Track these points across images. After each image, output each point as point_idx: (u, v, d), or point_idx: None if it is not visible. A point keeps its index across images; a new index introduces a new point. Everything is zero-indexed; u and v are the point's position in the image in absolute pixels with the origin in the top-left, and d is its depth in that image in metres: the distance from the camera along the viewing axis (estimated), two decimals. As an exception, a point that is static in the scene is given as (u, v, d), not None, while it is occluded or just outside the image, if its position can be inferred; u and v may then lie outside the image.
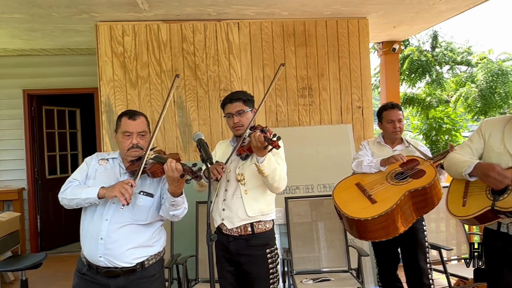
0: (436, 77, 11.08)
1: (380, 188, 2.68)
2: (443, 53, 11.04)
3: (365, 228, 2.55)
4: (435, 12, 4.06)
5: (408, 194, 2.58)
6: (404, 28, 4.62)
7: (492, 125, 2.12)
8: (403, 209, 2.58)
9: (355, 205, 2.63)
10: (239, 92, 2.42)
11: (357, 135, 4.20)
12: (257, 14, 3.92)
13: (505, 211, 1.86)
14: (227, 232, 2.35)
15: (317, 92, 4.17)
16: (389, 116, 2.97)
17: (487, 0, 3.76)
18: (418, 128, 11.71)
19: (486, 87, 10.15)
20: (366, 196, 2.65)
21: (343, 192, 2.77)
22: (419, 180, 2.64)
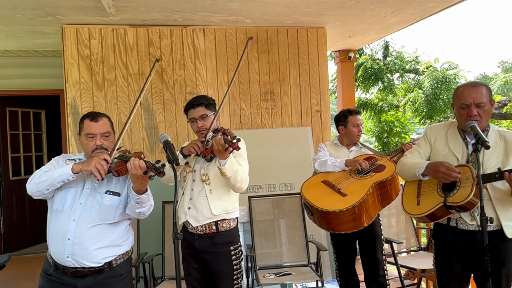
0: (388, 83, 11.45)
1: (347, 182, 2.74)
2: (394, 62, 11.43)
3: (339, 220, 2.59)
4: (387, 24, 4.20)
5: (375, 186, 2.66)
6: (358, 38, 4.74)
7: (436, 131, 2.22)
8: (371, 199, 2.66)
9: (327, 199, 2.66)
10: (200, 97, 2.39)
11: (316, 137, 4.26)
12: (222, 21, 3.91)
13: (456, 205, 1.94)
14: (192, 230, 2.32)
15: (279, 96, 4.20)
16: (355, 120, 3.04)
17: (432, 14, 3.92)
18: (371, 130, 12.06)
19: (432, 94, 10.60)
20: (336, 190, 2.70)
21: (312, 189, 2.80)
22: (381, 173, 2.74)
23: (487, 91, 2.03)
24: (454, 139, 2.13)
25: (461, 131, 2.12)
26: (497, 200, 1.99)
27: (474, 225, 2.02)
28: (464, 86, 2.08)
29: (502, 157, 2.02)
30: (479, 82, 2.14)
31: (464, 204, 1.91)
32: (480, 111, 2.00)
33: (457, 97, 2.08)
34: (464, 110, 2.03)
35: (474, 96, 2.00)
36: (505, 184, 1.94)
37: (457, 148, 2.10)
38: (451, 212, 2.02)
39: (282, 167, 3.99)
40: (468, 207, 1.93)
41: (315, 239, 3.75)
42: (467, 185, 1.93)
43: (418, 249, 3.83)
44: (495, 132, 2.09)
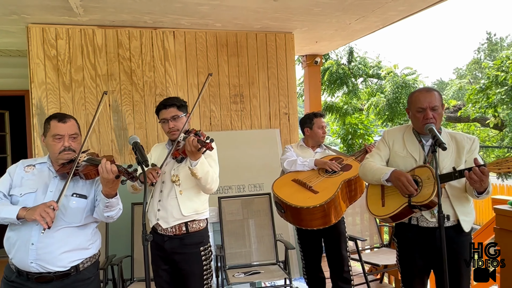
0: (352, 88, 11.70)
1: (318, 181, 2.78)
2: (358, 67, 11.69)
3: (313, 215, 2.62)
4: (351, 31, 4.28)
5: (344, 183, 2.72)
6: (325, 43, 4.81)
7: (393, 134, 2.27)
8: (341, 196, 2.71)
9: (300, 196, 2.68)
10: (173, 98, 2.35)
11: (284, 139, 4.28)
12: (192, 24, 3.86)
13: (420, 204, 2.00)
14: (162, 232, 2.26)
15: (248, 99, 4.19)
16: (320, 122, 3.09)
17: (393, 22, 4.03)
18: (336, 132, 12.28)
19: (393, 98, 10.93)
20: (307, 188, 2.73)
21: (283, 188, 2.81)
22: (349, 172, 2.81)
23: (439, 95, 2.12)
24: (411, 141, 2.18)
25: (417, 133, 2.19)
26: (454, 197, 2.07)
27: (434, 222, 2.08)
28: (419, 92, 2.15)
29: (455, 156, 2.10)
30: (431, 87, 2.23)
31: (427, 202, 1.96)
32: (434, 114, 2.07)
33: (413, 101, 2.14)
34: (421, 114, 2.09)
35: (429, 100, 2.07)
36: (460, 182, 2.02)
37: (415, 150, 2.16)
38: (415, 211, 2.07)
39: (251, 168, 3.98)
40: (431, 205, 1.99)
41: (283, 238, 3.76)
42: (429, 185, 1.98)
43: (381, 246, 3.91)
44: (446, 134, 2.17)
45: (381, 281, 3.93)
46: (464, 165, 2.07)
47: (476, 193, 1.97)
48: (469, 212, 2.10)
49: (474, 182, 1.87)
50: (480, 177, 1.84)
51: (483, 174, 1.84)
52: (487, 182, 1.89)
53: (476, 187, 1.92)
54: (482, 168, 1.84)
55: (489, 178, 1.97)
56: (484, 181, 1.86)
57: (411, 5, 3.49)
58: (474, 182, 1.88)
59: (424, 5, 3.50)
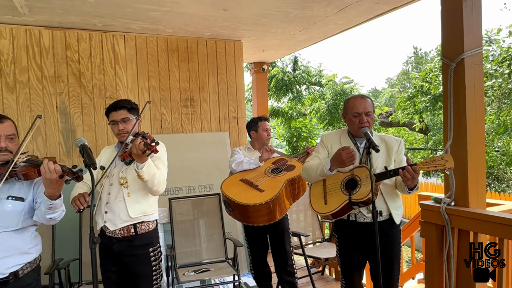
0: (296, 94, 11.99)
1: (263, 180, 2.81)
2: (302, 75, 12.00)
3: (259, 212, 2.63)
4: (295, 41, 4.38)
5: (288, 182, 2.76)
6: (271, 52, 4.88)
7: (331, 138, 2.36)
8: (285, 194, 2.75)
9: (247, 194, 2.69)
10: (124, 101, 2.25)
11: (233, 142, 4.28)
12: (142, 29, 3.74)
13: (359, 201, 2.07)
14: (110, 234, 2.16)
15: (199, 103, 4.14)
16: (264, 125, 3.12)
17: (334, 35, 4.18)
18: (282, 136, 12.50)
19: (332, 104, 11.34)
20: (254, 187, 2.75)
21: (231, 187, 2.81)
22: (292, 172, 2.86)
23: (371, 102, 2.24)
24: (347, 144, 2.27)
25: (352, 136, 2.28)
26: (387, 193, 2.18)
27: (370, 217, 2.18)
28: (354, 98, 2.24)
29: (386, 157, 2.22)
30: (365, 95, 2.34)
31: (366, 199, 2.05)
32: (368, 119, 2.18)
33: (349, 107, 2.23)
34: (356, 118, 2.18)
35: (364, 106, 2.17)
36: (391, 180, 2.15)
37: None
38: (354, 208, 2.15)
39: (201, 169, 3.93)
40: (369, 202, 2.08)
41: (232, 236, 3.75)
42: (367, 183, 2.08)
43: (323, 240, 4.02)
44: (377, 137, 2.29)
45: (323, 273, 4.04)
46: (393, 164, 2.19)
47: (408, 189, 2.09)
48: (399, 206, 2.23)
49: (407, 179, 1.99)
50: (412, 175, 1.97)
51: (415, 172, 1.97)
52: (417, 179, 2.02)
53: (408, 184, 2.05)
54: (414, 167, 1.97)
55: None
56: (415, 178, 1.99)
57: (349, 20, 3.64)
58: (407, 180, 2.00)
59: (360, 20, 3.66)
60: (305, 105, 12.63)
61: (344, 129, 2.34)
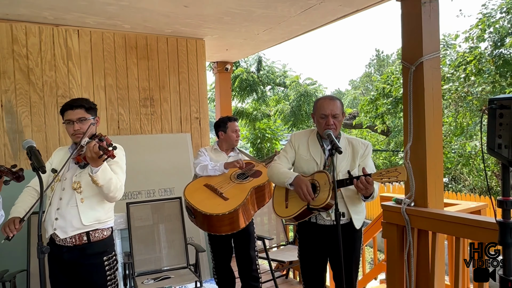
0: (261, 94, 12.06)
1: (228, 187, 2.78)
2: (266, 75, 12.10)
3: (222, 222, 2.60)
4: (259, 41, 4.40)
5: (253, 190, 2.76)
6: (235, 51, 4.87)
7: (299, 138, 2.39)
8: (249, 202, 2.73)
9: (210, 202, 2.65)
10: (81, 99, 2.16)
11: (195, 143, 4.23)
12: (98, 23, 3.61)
13: (317, 207, 2.12)
14: (60, 242, 2.06)
15: (159, 103, 4.06)
16: (234, 126, 3.09)
17: (297, 35, 4.25)
18: (246, 137, 12.53)
19: (296, 105, 11.52)
20: (218, 194, 2.71)
21: (195, 193, 2.76)
22: (259, 179, 2.85)
23: (340, 104, 2.28)
24: (314, 145, 2.31)
25: (319, 138, 2.32)
26: (348, 197, 2.24)
27: (329, 220, 2.25)
28: (323, 99, 2.29)
29: (350, 160, 2.27)
30: (335, 96, 2.39)
31: (323, 206, 2.10)
32: (335, 121, 2.22)
33: (317, 108, 2.28)
34: (323, 120, 2.23)
35: (331, 108, 2.21)
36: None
37: (317, 154, 2.29)
38: (313, 212, 2.20)
39: (161, 172, 3.86)
40: (327, 208, 2.14)
41: (194, 241, 3.70)
42: (325, 190, 2.13)
43: (287, 243, 4.07)
44: (345, 139, 2.35)
45: (287, 276, 4.08)
46: (357, 168, 2.25)
47: (363, 197, 2.16)
48: (360, 211, 2.30)
49: (360, 189, 2.06)
50: (365, 185, 2.04)
51: (367, 183, 2.03)
52: (372, 189, 2.09)
53: (362, 193, 2.11)
54: (367, 178, 2.04)
55: (377, 185, 2.18)
56: (369, 188, 2.05)
57: (312, 21, 3.71)
58: (360, 189, 2.07)
59: (323, 21, 3.74)
60: (269, 106, 12.74)
61: (314, 130, 2.38)
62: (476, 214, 2.79)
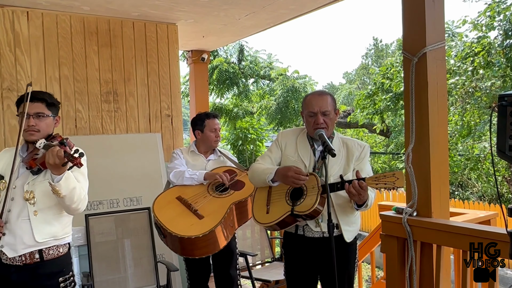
0: (243, 88, 12.06)
1: (204, 201, 2.76)
2: (249, 67, 12.10)
3: (195, 245, 2.59)
4: (241, 27, 4.42)
5: (233, 206, 2.74)
6: (212, 38, 4.88)
7: (287, 136, 2.42)
8: (228, 221, 2.72)
9: (183, 222, 2.63)
10: (44, 93, 2.13)
11: (166, 145, 4.21)
12: (51, 4, 3.56)
13: (302, 214, 2.13)
14: (7, 261, 2.01)
15: (124, 98, 4.03)
16: (212, 124, 3.07)
17: (285, 21, 4.28)
18: (226, 138, 12.52)
19: (283, 102, 11.57)
20: (192, 211, 2.69)
21: (165, 208, 2.74)
22: (241, 192, 2.83)
23: (331, 100, 2.31)
24: (303, 145, 2.34)
25: (310, 138, 2.36)
26: (339, 206, 2.26)
27: (318, 231, 2.26)
28: (311, 95, 2.33)
29: (344, 163, 2.30)
30: (325, 91, 2.42)
31: (310, 212, 2.12)
32: (326, 119, 2.25)
33: (305, 105, 2.31)
34: (312, 118, 2.26)
35: (321, 105, 2.24)
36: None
37: (306, 155, 2.32)
38: (298, 220, 2.22)
39: (127, 179, 3.83)
40: (314, 215, 2.15)
41: (165, 258, 3.67)
42: (312, 194, 2.14)
43: (272, 260, 4.08)
44: (339, 140, 2.38)
45: (273, 298, 4.09)
46: (352, 173, 2.28)
47: (356, 205, 2.19)
48: (353, 222, 2.32)
49: (353, 195, 2.08)
50: (358, 190, 2.05)
51: (361, 188, 2.05)
52: (366, 195, 2.11)
53: (355, 200, 2.14)
54: (361, 182, 2.06)
55: (373, 192, 2.21)
56: (362, 195, 2.07)
57: (302, 4, 3.74)
58: (352, 196, 2.09)
59: (314, 5, 3.78)
60: (252, 102, 12.76)
61: (304, 128, 2.41)
62: (485, 224, 2.85)
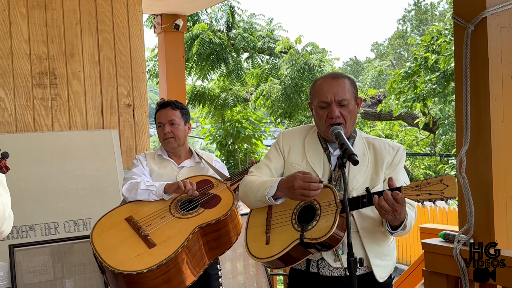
0: (234, 67, 12.01)
1: (161, 224, 2.72)
2: (242, 36, 12.03)
3: (139, 285, 2.54)
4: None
5: (199, 231, 2.68)
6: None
7: (291, 138, 2.38)
8: (192, 252, 2.67)
9: (125, 251, 2.60)
10: None
11: (126, 146, 4.23)
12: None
13: (316, 242, 2.08)
14: None
15: (65, 81, 4.02)
16: (158, 117, 3.07)
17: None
18: (211, 134, 12.47)
19: (292, 85, 11.50)
20: (141, 237, 2.65)
21: (107, 233, 2.72)
22: (212, 210, 2.78)
23: (351, 85, 2.26)
24: (313, 149, 2.31)
25: (322, 139, 2.32)
26: (365, 231, 2.22)
27: (339, 268, 2.21)
28: (322, 79, 2.29)
29: (371, 173, 2.26)
30: (341, 73, 2.39)
31: (326, 240, 2.06)
32: (343, 111, 2.21)
33: (314, 93, 2.27)
34: (324, 110, 2.22)
35: (335, 91, 2.20)
36: (374, 210, 2.16)
37: (317, 162, 2.28)
38: (310, 251, 2.17)
39: (69, 195, 3.83)
40: (332, 244, 2.10)
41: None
42: (328, 214, 2.09)
43: (273, 306, 4.05)
44: (363, 140, 2.34)
45: None
46: (382, 185, 2.24)
47: (390, 227, 2.14)
48: (386, 253, 2.29)
49: (385, 212, 2.01)
50: (392, 205, 1.98)
51: (396, 201, 1.98)
52: (403, 212, 2.04)
53: (388, 219, 2.08)
54: (396, 193, 1.98)
55: (414, 209, 2.16)
56: (398, 211, 2.00)
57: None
58: (384, 213, 2.02)
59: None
60: (247, 85, 12.72)
61: (313, 126, 2.39)
62: None
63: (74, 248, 3.43)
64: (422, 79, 10.11)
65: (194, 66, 11.60)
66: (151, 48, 11.38)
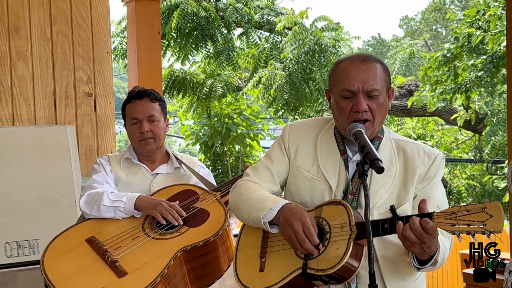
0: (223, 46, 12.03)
1: (133, 246, 2.74)
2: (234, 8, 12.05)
3: None
4: None
5: (182, 255, 2.70)
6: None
7: (300, 134, 2.39)
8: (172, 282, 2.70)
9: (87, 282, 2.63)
10: None
11: (85, 146, 4.26)
12: None
13: (322, 274, 2.09)
14: None
15: (7, 62, 4.04)
16: (132, 112, 3.06)
17: None
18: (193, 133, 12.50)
19: (299, 69, 11.51)
20: (108, 263, 2.66)
21: (63, 258, 2.74)
22: (199, 229, 2.79)
23: (383, 71, 2.25)
24: (328, 152, 2.31)
25: (340, 137, 2.32)
26: (387, 262, 2.24)
27: None
28: (348, 61, 2.27)
29: (399, 187, 2.27)
30: (372, 56, 2.33)
31: (336, 271, 2.07)
32: (372, 105, 2.20)
33: (337, 78, 2.26)
34: (348, 102, 2.21)
35: (365, 79, 2.19)
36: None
37: (331, 168, 2.28)
38: (316, 284, 2.18)
39: (11, 208, 3.85)
40: (344, 276, 2.11)
41: None
42: (340, 239, 2.10)
43: None
44: (391, 143, 2.34)
45: None
46: (411, 203, 2.25)
47: (416, 262, 2.13)
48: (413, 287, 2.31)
49: (411, 243, 1.99)
50: (420, 236, 1.96)
51: (426, 231, 1.95)
52: (435, 245, 2.02)
53: (415, 252, 2.08)
54: (425, 221, 1.96)
55: (449, 238, 2.16)
56: (427, 243, 1.97)
57: None
58: (410, 244, 2.00)
59: None
60: (240, 69, 12.74)
61: (330, 120, 2.39)
62: None
63: (18, 278, 3.47)
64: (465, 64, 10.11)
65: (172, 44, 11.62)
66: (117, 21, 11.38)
